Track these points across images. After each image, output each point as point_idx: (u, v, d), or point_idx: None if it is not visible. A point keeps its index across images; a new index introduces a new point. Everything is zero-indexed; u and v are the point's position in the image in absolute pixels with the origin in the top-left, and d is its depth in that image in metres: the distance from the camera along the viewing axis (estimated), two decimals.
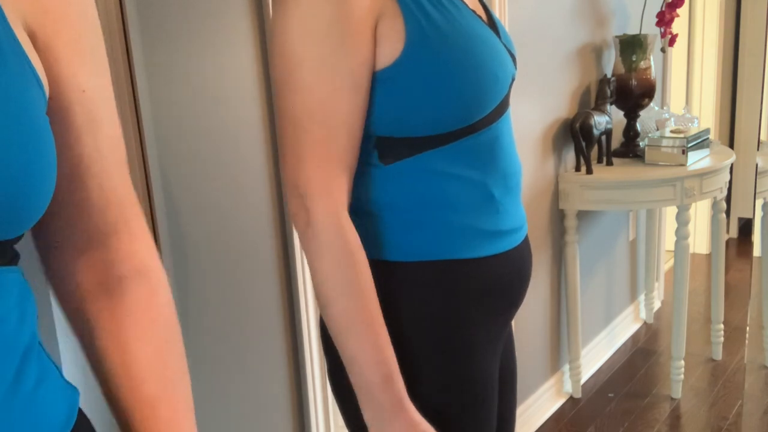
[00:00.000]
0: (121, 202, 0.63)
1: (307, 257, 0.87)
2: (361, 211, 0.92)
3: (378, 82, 0.86)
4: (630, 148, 2.69)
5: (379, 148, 0.90)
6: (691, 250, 2.87)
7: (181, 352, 0.67)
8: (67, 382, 0.62)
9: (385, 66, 0.85)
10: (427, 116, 0.87)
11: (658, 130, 2.69)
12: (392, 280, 0.92)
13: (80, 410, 0.62)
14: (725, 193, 2.61)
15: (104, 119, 0.60)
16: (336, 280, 0.85)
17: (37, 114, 0.51)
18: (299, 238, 0.88)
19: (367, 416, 0.89)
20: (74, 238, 0.61)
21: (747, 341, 2.88)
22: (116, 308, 0.64)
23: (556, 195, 2.51)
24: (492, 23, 0.97)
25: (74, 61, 0.57)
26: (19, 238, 0.55)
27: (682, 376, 2.64)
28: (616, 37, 2.61)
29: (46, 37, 0.55)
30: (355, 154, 0.87)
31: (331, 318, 0.87)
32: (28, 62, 0.52)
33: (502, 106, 0.95)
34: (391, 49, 0.85)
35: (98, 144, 0.60)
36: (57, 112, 0.57)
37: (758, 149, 2.77)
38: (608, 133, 2.52)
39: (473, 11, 0.93)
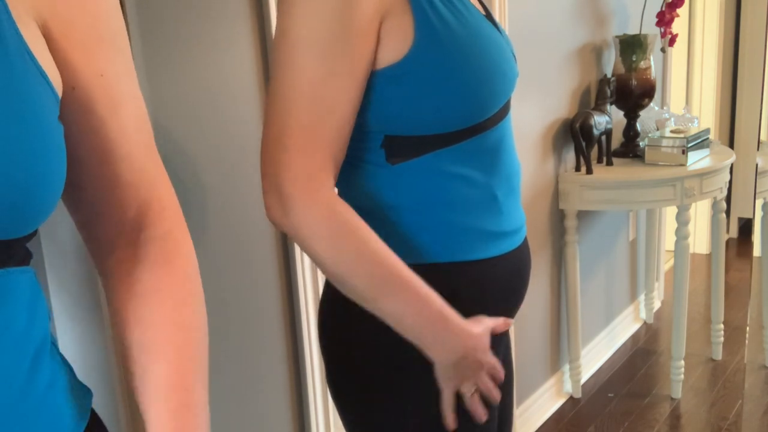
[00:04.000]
0: (151, 180, 0.64)
1: (302, 246, 0.84)
2: (367, 212, 0.91)
3: (385, 79, 0.85)
4: (630, 148, 2.69)
5: (387, 147, 0.89)
6: (691, 250, 2.87)
7: (197, 309, 0.66)
8: (80, 383, 0.62)
9: (391, 63, 0.84)
10: (435, 113, 0.87)
11: (658, 130, 2.69)
12: None
13: (93, 411, 0.62)
14: (725, 193, 2.61)
15: (126, 101, 0.61)
16: (343, 253, 0.83)
17: (43, 114, 0.51)
18: (284, 232, 0.85)
19: (438, 357, 0.88)
20: (109, 214, 0.62)
21: (747, 341, 2.88)
22: (139, 263, 0.63)
23: (556, 195, 2.50)
24: (493, 23, 0.98)
25: (91, 46, 0.57)
26: (30, 237, 0.55)
27: (682, 376, 2.64)
28: (616, 37, 2.61)
29: (60, 25, 0.55)
30: (343, 147, 0.85)
31: (354, 291, 0.85)
32: (35, 62, 0.52)
33: (507, 106, 0.95)
34: (398, 46, 0.84)
35: (123, 126, 0.60)
36: (79, 98, 0.57)
37: (758, 149, 2.77)
38: (608, 133, 2.52)
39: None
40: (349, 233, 0.83)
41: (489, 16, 0.98)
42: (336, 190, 0.87)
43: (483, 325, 0.91)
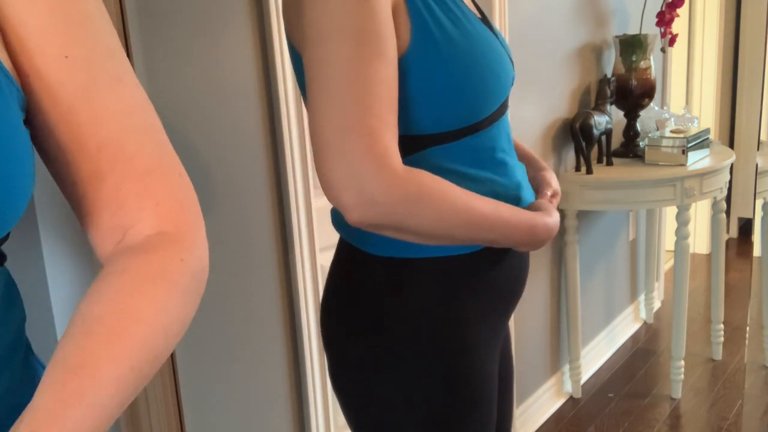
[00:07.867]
0: (143, 171, 0.57)
1: (397, 228, 0.83)
2: None
3: None
4: (630, 148, 2.69)
5: None
6: (691, 250, 2.87)
7: (160, 299, 0.54)
8: None
9: None
10: (430, 114, 0.87)
11: (658, 130, 2.69)
12: (398, 277, 0.92)
13: None
14: (725, 193, 2.61)
15: (103, 84, 0.55)
16: (445, 212, 0.83)
17: (9, 116, 0.49)
18: (374, 222, 0.82)
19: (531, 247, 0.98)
20: (93, 208, 0.57)
21: (747, 341, 2.88)
22: (127, 254, 0.56)
23: None
24: (489, 26, 0.98)
25: (49, 29, 0.53)
26: (1, 241, 0.54)
27: (682, 376, 2.64)
28: (616, 37, 2.61)
29: (16, 12, 0.53)
30: (397, 125, 0.83)
31: (453, 241, 0.89)
32: None
33: (503, 107, 0.95)
34: (398, 44, 0.85)
35: (97, 111, 0.55)
36: (42, 84, 0.54)
37: (758, 149, 2.77)
38: (608, 133, 2.52)
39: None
40: (444, 194, 0.84)
41: (485, 19, 0.99)
42: None
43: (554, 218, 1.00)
